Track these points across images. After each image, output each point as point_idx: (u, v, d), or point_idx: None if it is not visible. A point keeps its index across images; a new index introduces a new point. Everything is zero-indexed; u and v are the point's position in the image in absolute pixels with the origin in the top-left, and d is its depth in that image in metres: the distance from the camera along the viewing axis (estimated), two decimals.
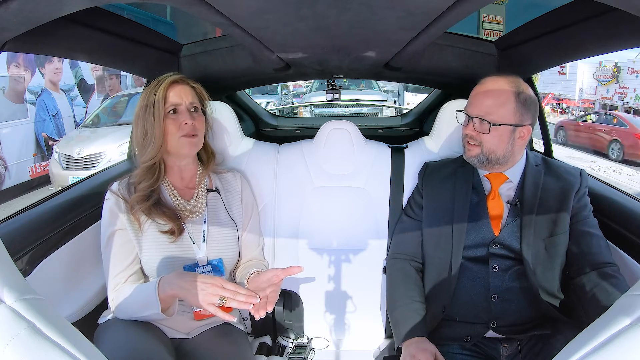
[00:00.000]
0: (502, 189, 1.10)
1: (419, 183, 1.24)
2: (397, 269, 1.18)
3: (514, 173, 1.10)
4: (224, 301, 0.88)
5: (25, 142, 5.91)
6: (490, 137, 1.05)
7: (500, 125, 1.04)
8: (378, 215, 1.32)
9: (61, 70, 6.72)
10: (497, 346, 1.05)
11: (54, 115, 6.45)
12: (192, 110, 1.07)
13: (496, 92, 1.05)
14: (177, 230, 1.04)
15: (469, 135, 1.08)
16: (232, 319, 0.92)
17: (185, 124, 1.04)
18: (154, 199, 1.04)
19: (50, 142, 6.25)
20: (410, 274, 1.15)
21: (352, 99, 6.91)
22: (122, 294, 1.00)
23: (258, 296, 0.91)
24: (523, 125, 1.05)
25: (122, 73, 8.07)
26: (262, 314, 0.93)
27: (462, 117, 1.14)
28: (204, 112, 1.13)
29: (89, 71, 7.45)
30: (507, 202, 1.08)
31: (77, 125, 6.76)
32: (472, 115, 1.08)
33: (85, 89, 7.34)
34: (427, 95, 2.46)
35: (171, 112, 1.04)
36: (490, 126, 1.04)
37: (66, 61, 6.67)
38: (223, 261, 1.10)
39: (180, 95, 1.05)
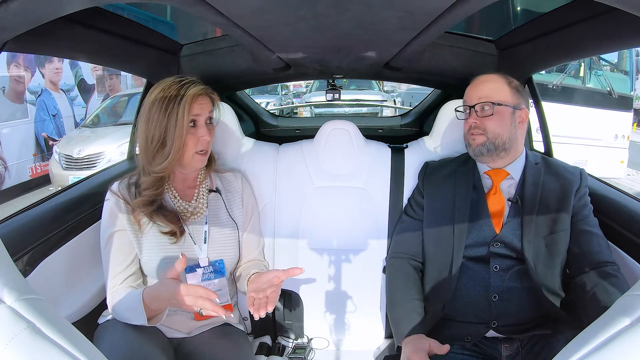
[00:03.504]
0: (503, 185, 1.11)
1: (419, 183, 1.25)
2: (397, 268, 1.18)
3: (515, 169, 1.11)
4: (201, 311, 0.87)
5: (25, 142, 5.89)
6: (494, 120, 1.08)
7: (502, 105, 1.08)
8: (378, 215, 1.32)
9: (61, 70, 6.69)
10: (498, 346, 1.05)
11: (54, 115, 6.42)
12: (209, 122, 1.06)
13: (490, 81, 1.11)
14: (178, 232, 1.04)
15: (473, 125, 1.10)
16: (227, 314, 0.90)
17: (203, 138, 1.03)
18: (157, 204, 1.03)
19: (50, 142, 6.23)
20: (410, 272, 1.15)
21: (352, 99, 6.91)
22: (117, 298, 1.00)
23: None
24: (521, 109, 1.10)
25: (122, 73, 8.04)
26: (262, 314, 0.93)
27: (461, 114, 1.15)
28: None
29: (89, 71, 7.41)
30: (508, 200, 1.09)
31: (77, 125, 6.73)
32: (472, 103, 1.11)
33: (85, 89, 7.31)
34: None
35: (191, 125, 1.02)
36: (493, 106, 1.07)
37: (66, 61, 6.63)
38: (224, 262, 1.10)
39: (202, 107, 1.03)
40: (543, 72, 4.61)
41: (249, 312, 1.22)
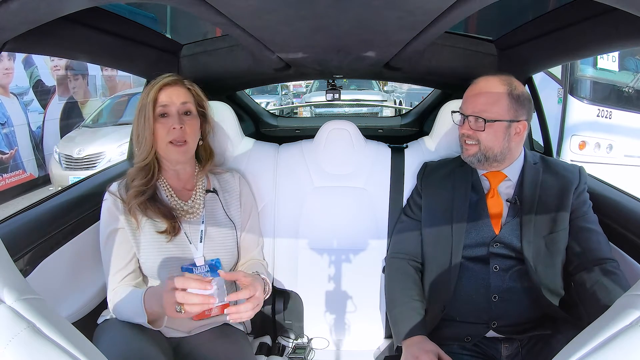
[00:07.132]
0: (501, 187, 1.11)
1: (418, 183, 1.25)
2: (396, 268, 1.18)
3: (513, 171, 1.11)
4: (182, 310, 0.83)
5: None
6: (486, 134, 1.06)
7: (495, 121, 1.05)
8: (378, 215, 1.32)
9: (12, 71, 5.43)
10: (498, 346, 1.05)
11: (2, 124, 5.27)
12: (183, 113, 1.06)
13: (488, 91, 1.07)
14: (171, 229, 1.04)
15: (466, 134, 1.10)
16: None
17: (174, 128, 1.03)
18: (148, 194, 1.04)
19: None
20: (409, 272, 1.15)
21: (352, 99, 6.91)
22: (118, 296, 1.00)
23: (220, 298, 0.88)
24: (519, 121, 1.06)
25: (90, 73, 6.84)
26: (236, 320, 0.91)
27: (457, 117, 1.15)
28: (203, 114, 1.12)
29: (49, 71, 6.11)
30: (507, 201, 1.09)
31: (32, 134, 5.73)
32: (466, 114, 1.09)
33: (42, 91, 6.02)
34: None
35: (161, 115, 1.03)
36: (485, 123, 1.05)
37: (19, 60, 5.49)
38: (221, 261, 1.10)
39: (172, 97, 1.04)
40: (615, 70, 3.51)
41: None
